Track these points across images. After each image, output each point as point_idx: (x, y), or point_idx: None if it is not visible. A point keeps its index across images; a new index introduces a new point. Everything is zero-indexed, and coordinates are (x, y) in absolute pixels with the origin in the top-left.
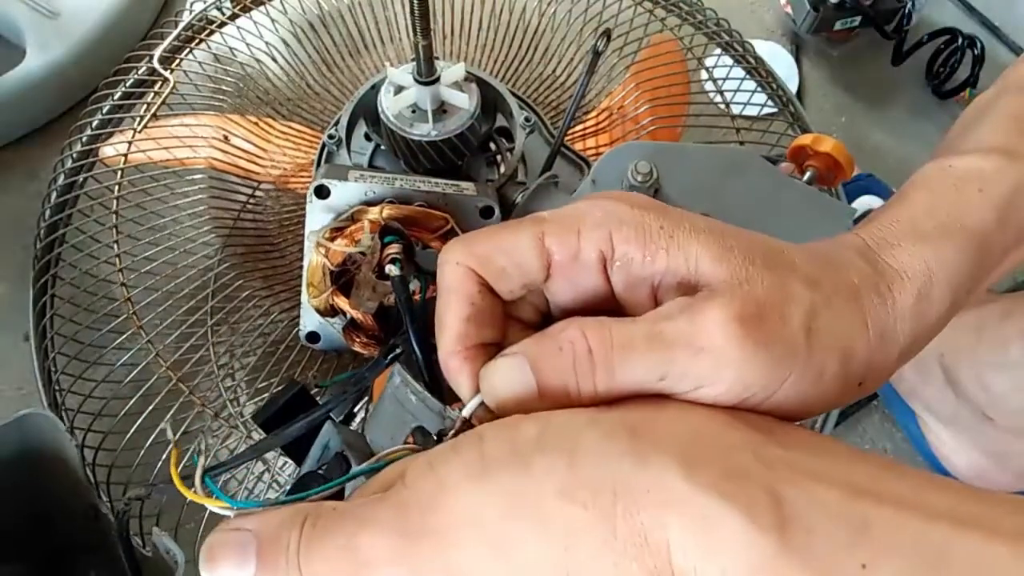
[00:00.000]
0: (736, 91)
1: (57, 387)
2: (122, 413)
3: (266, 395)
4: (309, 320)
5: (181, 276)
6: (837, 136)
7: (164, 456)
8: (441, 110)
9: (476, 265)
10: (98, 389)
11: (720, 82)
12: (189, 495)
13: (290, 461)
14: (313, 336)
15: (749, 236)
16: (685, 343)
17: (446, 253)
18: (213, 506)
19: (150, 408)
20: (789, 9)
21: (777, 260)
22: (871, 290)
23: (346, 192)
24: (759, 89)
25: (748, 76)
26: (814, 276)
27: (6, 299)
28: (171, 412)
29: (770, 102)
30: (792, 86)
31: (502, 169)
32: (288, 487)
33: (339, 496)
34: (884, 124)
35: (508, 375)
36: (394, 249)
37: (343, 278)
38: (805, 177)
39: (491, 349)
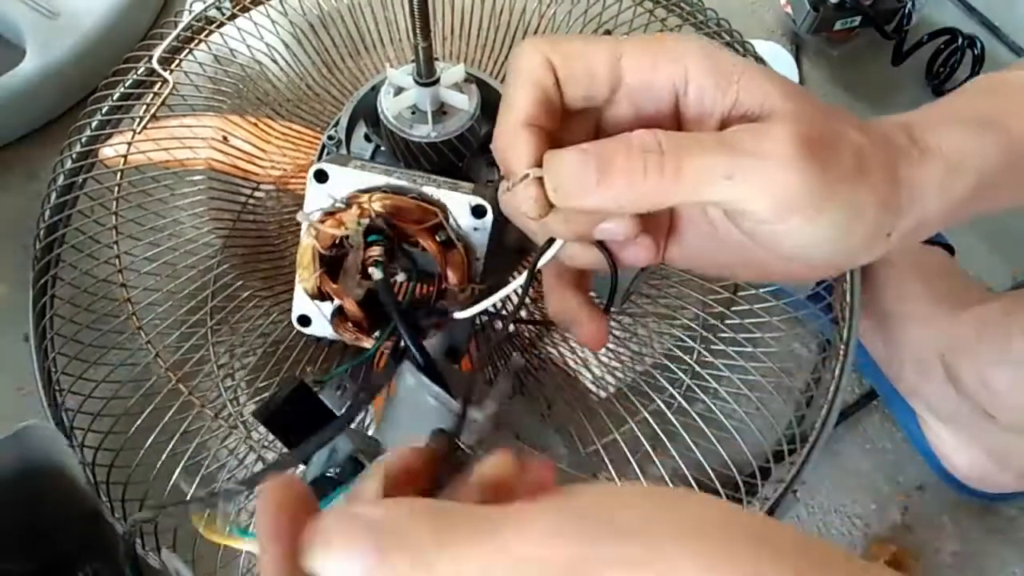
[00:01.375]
0: None
1: (57, 387)
2: (122, 413)
3: (266, 395)
4: (301, 302)
5: (181, 276)
6: None
7: (163, 457)
8: (441, 111)
9: (556, 59)
10: (98, 389)
11: None
12: (222, 541)
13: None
14: (304, 319)
15: (805, 91)
16: (753, 150)
17: (529, 42)
18: (248, 547)
19: (150, 408)
20: (789, 9)
21: (833, 110)
22: (906, 153)
23: (344, 178)
24: None
25: None
26: (864, 127)
27: (6, 299)
28: (171, 412)
29: None
30: None
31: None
32: None
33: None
34: None
35: (574, 163)
36: (376, 252)
37: (333, 262)
38: None
39: (549, 142)
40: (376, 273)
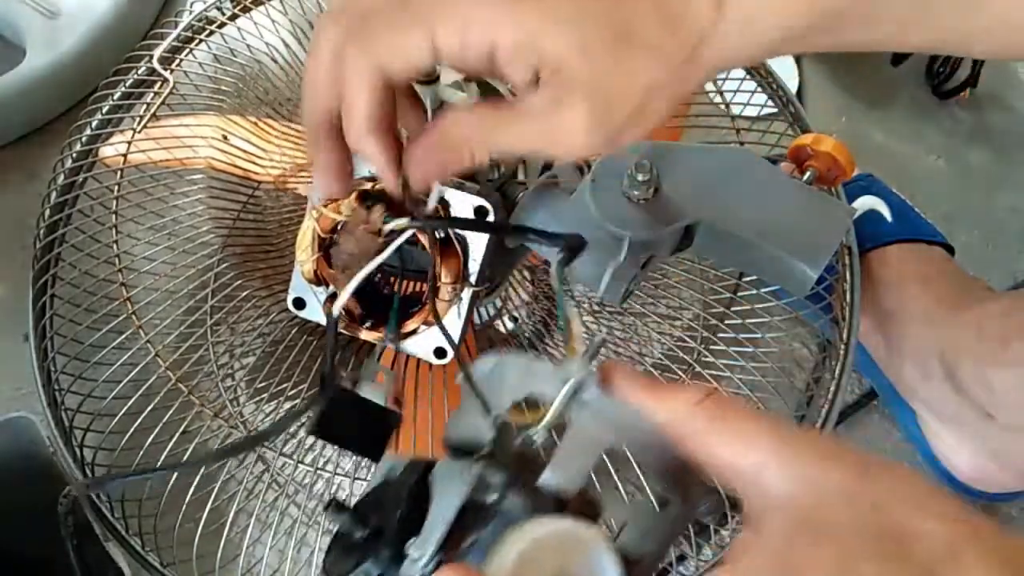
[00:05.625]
0: (736, 91)
1: (57, 387)
2: (122, 413)
3: (264, 395)
4: (298, 285)
5: (181, 276)
6: (837, 136)
7: (163, 457)
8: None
9: (380, 60)
10: (98, 389)
11: (720, 82)
12: None
13: (289, 461)
14: (299, 302)
15: (606, 25)
16: (549, 121)
17: (351, 50)
18: None
19: (150, 408)
20: None
21: (628, 42)
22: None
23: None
24: (759, 89)
25: (748, 76)
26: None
27: (6, 299)
28: (170, 412)
29: (770, 102)
30: (792, 86)
31: (502, 169)
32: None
33: None
34: (884, 124)
35: (429, 164)
36: (379, 211)
37: (332, 247)
38: (805, 177)
39: (392, 126)
40: (401, 223)
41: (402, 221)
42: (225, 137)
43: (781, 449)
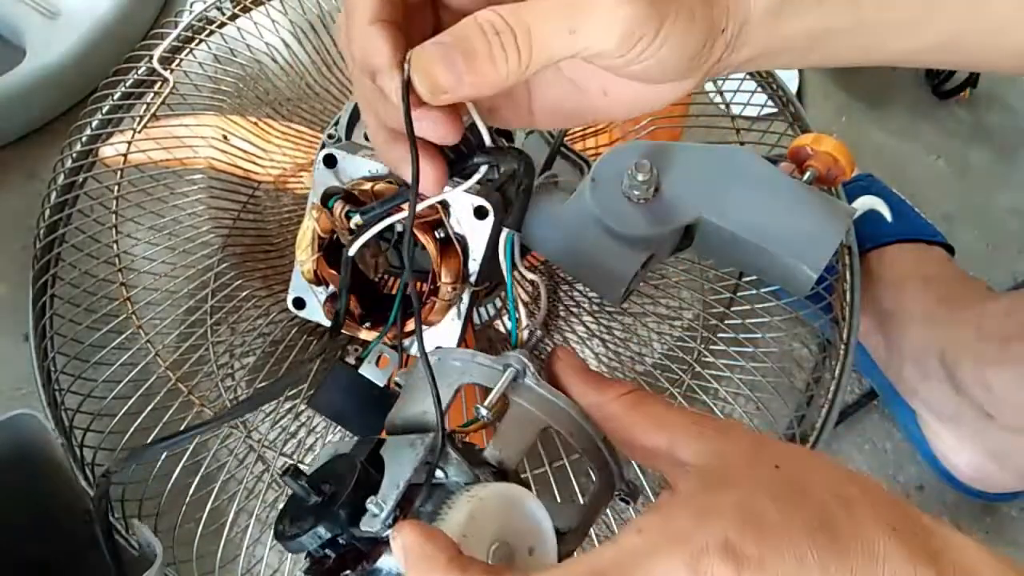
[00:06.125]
0: (736, 91)
1: (56, 387)
2: (121, 412)
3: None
4: (298, 285)
5: (181, 276)
6: (837, 136)
7: (162, 457)
8: None
9: None
10: (98, 389)
11: (720, 82)
12: None
13: (290, 461)
14: (299, 302)
15: None
16: (581, 9)
17: None
18: None
19: (149, 407)
20: None
21: None
22: None
23: (352, 165)
24: (759, 89)
25: (748, 76)
26: None
27: (6, 299)
28: (170, 412)
29: (770, 102)
30: (792, 86)
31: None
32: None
33: None
34: (884, 124)
35: (442, 59)
36: (339, 207)
37: (331, 248)
38: (805, 177)
39: (399, 24)
40: (358, 219)
41: (357, 218)
42: (225, 137)
43: (691, 428)
